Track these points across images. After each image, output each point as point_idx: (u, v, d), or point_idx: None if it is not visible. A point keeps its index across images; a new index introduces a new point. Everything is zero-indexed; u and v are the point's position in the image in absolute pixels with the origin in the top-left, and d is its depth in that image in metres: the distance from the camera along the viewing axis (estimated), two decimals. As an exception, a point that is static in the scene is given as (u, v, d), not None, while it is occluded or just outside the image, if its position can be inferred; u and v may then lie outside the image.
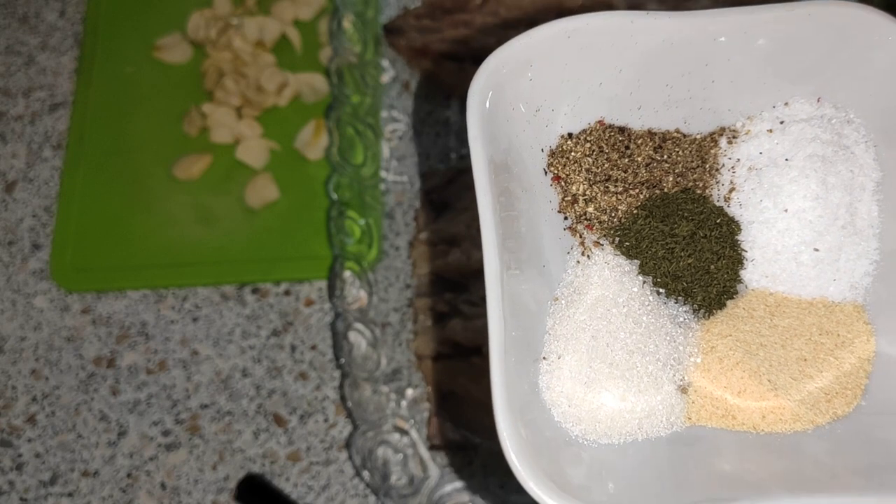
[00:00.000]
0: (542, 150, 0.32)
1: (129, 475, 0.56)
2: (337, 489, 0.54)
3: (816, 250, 0.31)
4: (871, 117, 0.31)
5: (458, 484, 0.52)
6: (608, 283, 0.30)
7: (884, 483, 0.26)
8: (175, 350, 0.58)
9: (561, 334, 0.29)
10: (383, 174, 0.61)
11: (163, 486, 0.55)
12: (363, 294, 0.56)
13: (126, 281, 0.60)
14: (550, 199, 0.31)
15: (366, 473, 0.52)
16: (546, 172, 0.32)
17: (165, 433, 0.56)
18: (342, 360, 0.54)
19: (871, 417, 0.29)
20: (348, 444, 0.55)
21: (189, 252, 0.61)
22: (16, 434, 0.57)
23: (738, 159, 0.32)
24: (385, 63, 0.64)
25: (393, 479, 0.52)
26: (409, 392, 0.54)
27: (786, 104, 0.32)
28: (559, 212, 0.32)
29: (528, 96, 0.31)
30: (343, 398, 0.55)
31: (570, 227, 0.31)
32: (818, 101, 0.32)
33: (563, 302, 0.30)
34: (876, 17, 0.30)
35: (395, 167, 0.61)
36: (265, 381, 0.57)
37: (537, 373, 0.29)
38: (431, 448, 0.53)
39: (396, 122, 0.62)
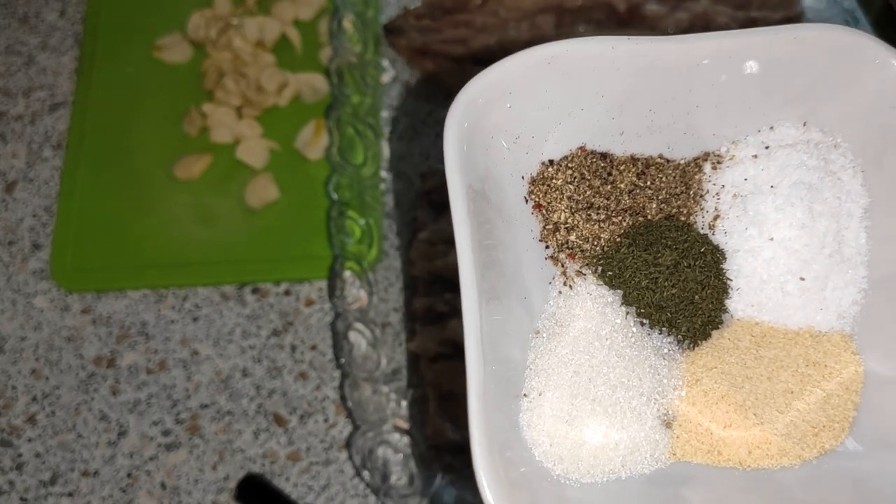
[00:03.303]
0: (523, 177, 0.31)
1: (129, 475, 0.56)
2: (337, 489, 0.54)
3: (803, 279, 0.30)
4: (859, 142, 0.31)
5: (458, 484, 0.52)
6: (591, 315, 0.29)
7: None
8: (175, 350, 0.58)
9: (542, 369, 0.29)
10: (383, 174, 0.61)
11: (163, 485, 0.55)
12: (363, 294, 0.56)
13: (126, 281, 0.60)
14: (531, 227, 0.31)
15: (366, 473, 0.52)
16: (527, 200, 0.31)
17: (165, 433, 0.56)
18: (342, 360, 0.54)
19: (859, 451, 0.29)
20: (348, 444, 0.55)
21: (189, 252, 0.61)
22: (16, 434, 0.57)
23: (723, 185, 0.32)
24: (385, 63, 0.64)
25: (393, 479, 0.52)
26: (409, 392, 0.54)
27: (771, 128, 0.32)
28: (540, 241, 0.31)
29: (507, 124, 0.30)
30: (343, 398, 0.55)
31: (551, 257, 0.31)
32: (804, 125, 0.32)
33: (544, 335, 0.29)
34: (863, 41, 0.29)
35: (396, 167, 0.61)
36: (265, 381, 0.57)
37: (518, 410, 0.28)
38: (431, 448, 0.53)
39: (396, 123, 0.62)
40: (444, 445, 0.53)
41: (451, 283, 0.56)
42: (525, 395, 0.28)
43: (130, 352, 0.59)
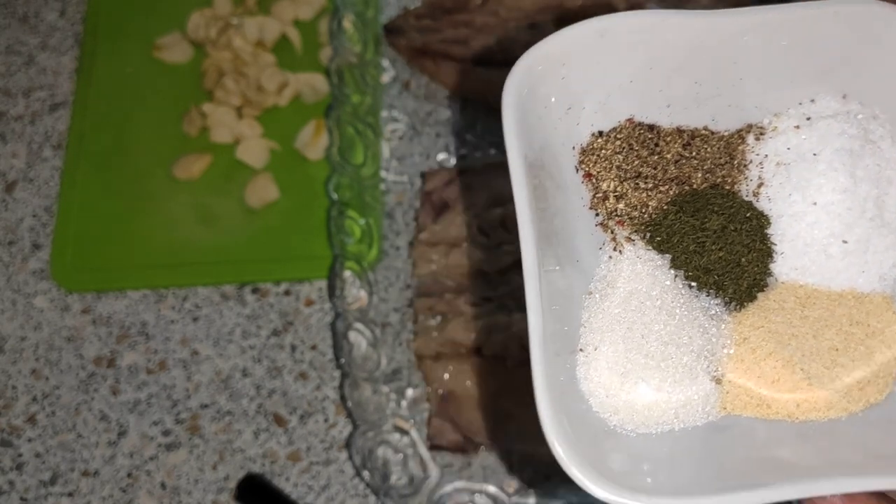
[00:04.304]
0: (573, 147, 0.32)
1: (129, 475, 0.56)
2: (337, 489, 0.54)
3: (845, 242, 0.31)
4: (894, 113, 0.32)
5: (459, 484, 0.52)
6: (641, 277, 0.31)
7: None
8: (175, 350, 0.58)
9: (596, 327, 0.30)
10: (383, 174, 0.61)
11: (163, 485, 0.55)
12: (363, 294, 0.56)
13: (126, 281, 0.60)
14: (582, 195, 0.32)
15: (366, 473, 0.52)
16: (577, 170, 0.32)
17: (165, 433, 0.56)
18: (342, 360, 0.54)
19: None
20: (348, 444, 0.55)
21: (189, 252, 0.61)
22: (16, 434, 0.57)
23: (766, 155, 0.33)
24: (385, 63, 0.64)
25: (393, 479, 0.52)
26: (409, 392, 0.54)
27: (812, 101, 0.33)
28: (591, 208, 0.32)
29: (560, 94, 0.31)
30: (343, 398, 0.55)
31: (601, 224, 0.32)
32: (844, 97, 0.33)
33: (596, 296, 0.31)
34: None
35: (395, 167, 0.61)
36: (265, 381, 0.57)
37: (574, 364, 0.30)
38: (431, 448, 0.53)
39: (396, 122, 0.62)
40: (444, 445, 0.53)
41: (451, 282, 0.56)
42: (581, 349, 0.30)
43: (130, 352, 0.59)
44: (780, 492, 0.26)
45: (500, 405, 0.53)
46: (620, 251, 0.31)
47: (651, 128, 0.33)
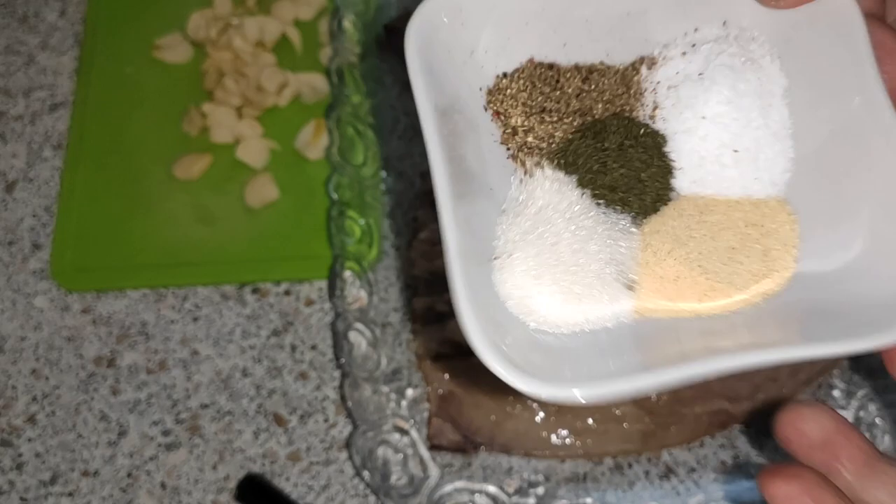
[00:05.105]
0: (480, 89, 0.35)
1: (129, 475, 0.56)
2: (337, 489, 0.54)
3: (736, 151, 0.34)
4: (772, 35, 0.35)
5: (459, 484, 0.52)
6: (550, 193, 0.33)
7: (814, 338, 0.29)
8: (175, 350, 0.58)
9: (510, 238, 0.32)
10: (383, 174, 0.61)
11: (163, 485, 0.55)
12: (363, 294, 0.56)
13: (126, 281, 0.60)
14: (492, 132, 0.35)
15: (366, 473, 0.52)
16: (486, 109, 0.35)
17: (165, 433, 0.56)
18: (342, 360, 0.54)
19: (799, 293, 0.32)
20: (348, 444, 0.55)
21: (189, 252, 0.61)
22: (16, 434, 0.57)
23: (658, 81, 0.36)
24: (385, 63, 0.64)
25: (393, 479, 0.52)
26: (409, 392, 0.54)
27: (696, 30, 0.36)
28: (501, 143, 0.35)
29: (461, 41, 0.34)
30: (343, 398, 0.55)
31: (512, 156, 0.35)
32: (724, 24, 0.36)
33: (510, 213, 0.33)
34: None
35: (396, 167, 0.61)
36: (265, 381, 0.57)
37: (490, 271, 0.32)
38: (431, 448, 0.53)
39: (396, 122, 0.62)
40: (444, 445, 0.53)
41: (451, 282, 0.56)
42: (496, 257, 0.32)
43: (130, 352, 0.59)
44: (702, 367, 0.27)
45: (500, 405, 0.53)
46: (531, 175, 0.34)
47: (551, 66, 0.35)
